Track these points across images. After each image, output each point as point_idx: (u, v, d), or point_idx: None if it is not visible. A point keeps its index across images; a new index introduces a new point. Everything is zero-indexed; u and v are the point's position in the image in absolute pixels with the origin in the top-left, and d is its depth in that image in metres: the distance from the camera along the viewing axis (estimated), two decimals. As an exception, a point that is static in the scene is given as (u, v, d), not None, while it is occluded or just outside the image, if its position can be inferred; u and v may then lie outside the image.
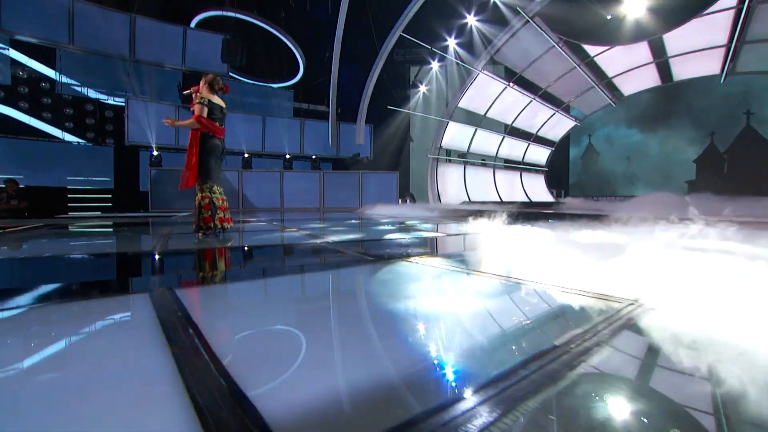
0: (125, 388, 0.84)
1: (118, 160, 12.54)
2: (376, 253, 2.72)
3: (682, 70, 12.62)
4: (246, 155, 13.86)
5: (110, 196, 12.38)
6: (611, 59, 12.83)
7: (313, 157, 14.91)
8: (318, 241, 3.46)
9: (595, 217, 6.01)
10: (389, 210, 10.24)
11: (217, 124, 3.57)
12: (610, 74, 13.70)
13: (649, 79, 13.39)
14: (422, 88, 16.50)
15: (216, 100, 3.68)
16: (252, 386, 0.84)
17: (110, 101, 12.76)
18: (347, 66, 14.62)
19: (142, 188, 12.65)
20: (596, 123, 17.60)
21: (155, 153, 12.22)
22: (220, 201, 3.81)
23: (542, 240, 3.33)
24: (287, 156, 14.46)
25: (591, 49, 12.55)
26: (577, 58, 12.88)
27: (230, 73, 14.24)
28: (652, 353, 1.03)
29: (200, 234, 3.61)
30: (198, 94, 3.62)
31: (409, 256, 2.60)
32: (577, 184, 19.46)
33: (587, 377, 0.88)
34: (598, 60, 12.82)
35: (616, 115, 18.15)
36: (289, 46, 15.34)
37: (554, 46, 12.61)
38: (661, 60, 12.41)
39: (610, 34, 11.30)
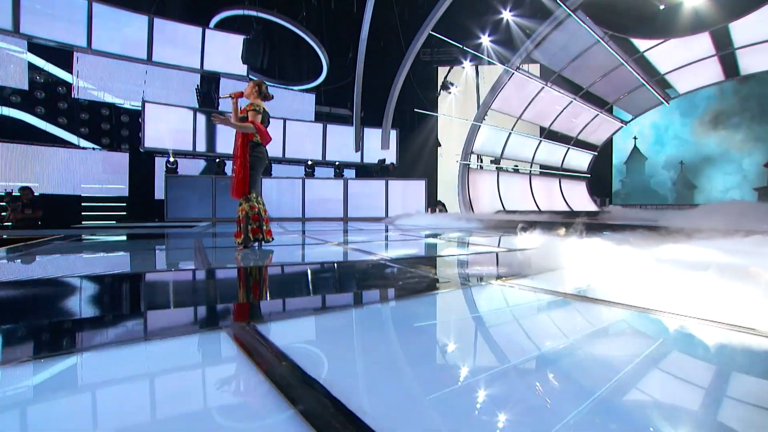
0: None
1: (134, 166, 12.60)
2: (451, 273, 2.48)
3: (752, 63, 11.98)
4: (309, 163, 13.81)
5: (124, 204, 12.42)
6: (664, 54, 12.39)
7: (337, 163, 14.76)
8: (375, 258, 3.22)
9: (654, 228, 5.67)
10: (422, 220, 10.03)
11: None
12: (662, 70, 13.23)
13: (710, 74, 12.84)
14: (452, 90, 16.35)
15: (264, 107, 3.74)
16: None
17: (126, 105, 12.85)
18: (372, 67, 14.49)
19: (158, 196, 12.66)
20: (644, 125, 16.94)
21: (171, 159, 12.16)
22: (264, 212, 3.81)
23: (628, 256, 2.98)
24: (309, 162, 14.32)
25: (641, 44, 12.11)
26: (624, 54, 12.48)
27: (250, 76, 14.22)
28: None
29: (240, 247, 3.56)
30: (234, 100, 3.60)
31: (492, 277, 2.33)
32: (621, 192, 18.86)
33: None
34: (650, 55, 12.39)
35: (668, 115, 17.52)
36: (312, 46, 15.29)
37: (599, 41, 12.23)
38: (726, 52, 11.87)
39: (664, 26, 10.87)
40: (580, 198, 16.21)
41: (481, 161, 15.85)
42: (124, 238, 5.38)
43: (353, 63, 14.37)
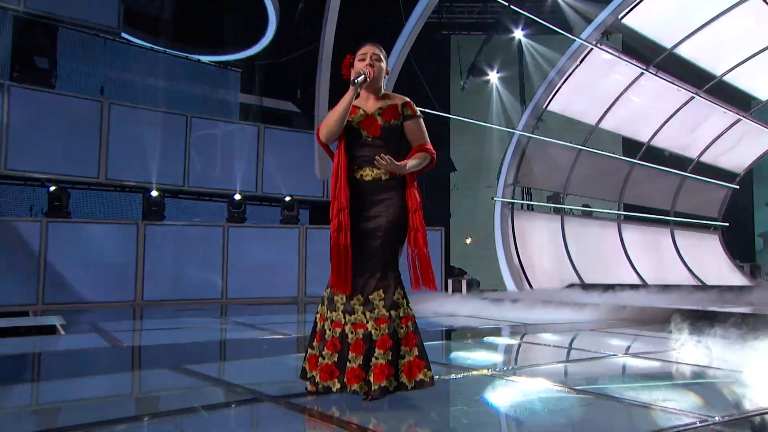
0: None
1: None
2: None
3: None
4: (154, 194, 11.67)
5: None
6: None
7: (287, 198, 13.04)
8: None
9: None
10: (462, 305, 9.84)
11: None
12: None
13: None
14: (491, 77, 15.91)
15: None
16: None
17: None
18: (349, 31, 12.78)
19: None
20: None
21: (53, 188, 10.71)
22: None
23: None
24: (236, 197, 12.61)
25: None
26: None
27: (122, 33, 12.44)
28: None
29: (365, 398, 3.01)
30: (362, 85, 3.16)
31: None
32: (764, 252, 17.54)
33: None
34: None
35: None
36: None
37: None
38: None
39: None
40: (712, 261, 15.12)
41: (531, 197, 14.99)
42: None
43: (313, 21, 13.15)
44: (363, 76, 3.04)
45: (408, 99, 3.26)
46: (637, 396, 3.36)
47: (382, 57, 3.23)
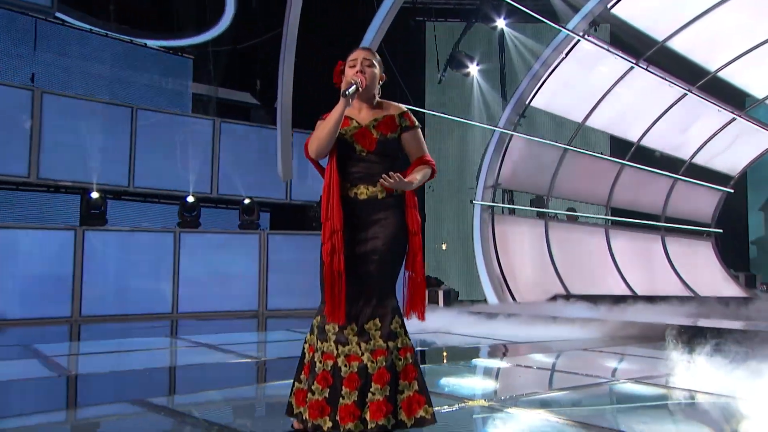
0: None
1: None
2: None
3: None
4: (95, 195, 11.38)
5: None
6: None
7: (246, 200, 12.95)
8: None
9: None
10: (452, 323, 9.64)
11: None
12: None
13: None
14: (470, 70, 15.80)
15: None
16: None
17: None
18: (312, 18, 13.18)
19: None
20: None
21: None
22: None
23: None
24: (189, 199, 12.43)
25: None
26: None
27: (57, 13, 12.30)
28: None
29: None
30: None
31: None
32: (756, 260, 17.90)
33: None
34: None
35: None
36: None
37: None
38: None
39: None
40: (705, 270, 15.29)
41: (513, 200, 15.11)
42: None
43: (276, 3, 12.79)
44: (354, 86, 2.95)
45: (405, 108, 3.30)
46: (650, 431, 3.49)
47: (374, 62, 3.20)
